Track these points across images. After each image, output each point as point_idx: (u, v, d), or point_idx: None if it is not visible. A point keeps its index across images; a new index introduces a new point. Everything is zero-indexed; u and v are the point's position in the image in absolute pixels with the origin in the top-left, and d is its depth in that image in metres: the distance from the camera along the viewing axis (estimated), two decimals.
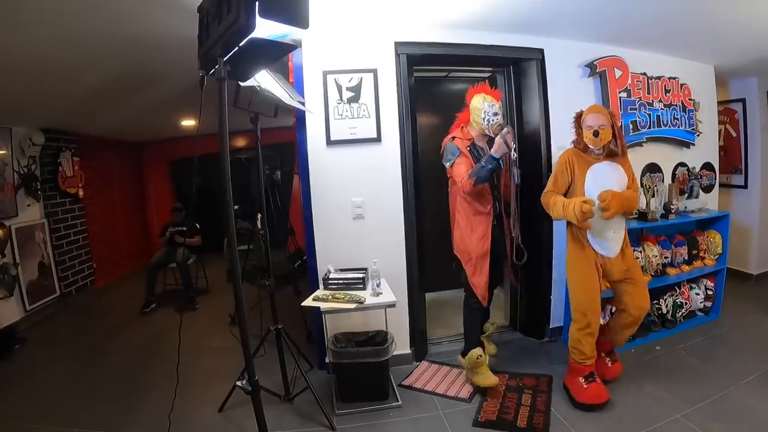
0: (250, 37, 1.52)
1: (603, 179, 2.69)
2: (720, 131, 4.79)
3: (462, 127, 3.02)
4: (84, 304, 5.43)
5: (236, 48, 1.60)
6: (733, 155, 4.88)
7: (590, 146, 2.73)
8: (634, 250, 2.99)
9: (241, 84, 2.35)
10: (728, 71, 4.48)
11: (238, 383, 1.97)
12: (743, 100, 4.77)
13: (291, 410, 2.84)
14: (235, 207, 5.77)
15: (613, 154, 2.74)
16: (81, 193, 5.75)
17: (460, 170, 2.86)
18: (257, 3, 1.42)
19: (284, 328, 2.94)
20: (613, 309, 3.16)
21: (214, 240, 5.46)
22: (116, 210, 6.99)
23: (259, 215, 4.72)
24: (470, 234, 2.97)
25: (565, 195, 2.78)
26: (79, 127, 5.61)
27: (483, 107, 2.87)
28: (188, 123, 6.00)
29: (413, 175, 3.25)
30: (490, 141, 2.92)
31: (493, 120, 2.84)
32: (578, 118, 2.84)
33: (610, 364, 2.98)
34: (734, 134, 4.85)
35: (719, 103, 4.69)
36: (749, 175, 4.74)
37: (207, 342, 4.03)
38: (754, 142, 4.72)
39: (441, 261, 4.70)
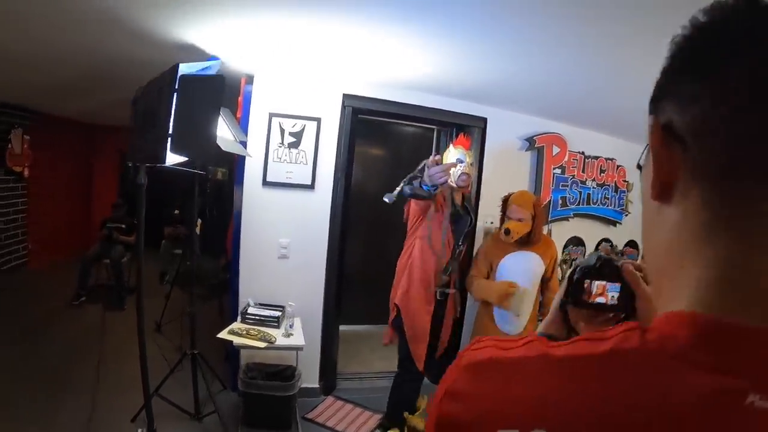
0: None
1: (513, 271, 3.02)
2: None
3: None
4: (13, 285, 5.47)
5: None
6: None
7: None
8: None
9: None
10: None
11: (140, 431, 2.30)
12: None
13: (199, 429, 3.05)
14: (176, 212, 5.85)
15: (529, 242, 3.04)
16: (27, 172, 5.80)
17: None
18: (169, 141, 1.70)
19: (200, 353, 3.16)
20: None
21: (150, 237, 5.54)
22: (60, 194, 6.98)
23: (199, 221, 4.88)
24: (419, 287, 2.90)
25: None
26: (34, 105, 5.66)
27: (448, 155, 2.90)
28: None
29: (341, 225, 3.47)
30: (465, 199, 2.99)
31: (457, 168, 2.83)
32: (505, 201, 3.12)
33: None
34: None
35: None
36: None
37: (131, 347, 4.14)
38: None
39: (363, 295, 5.01)
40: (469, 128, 3.71)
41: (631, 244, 4.50)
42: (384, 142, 5.02)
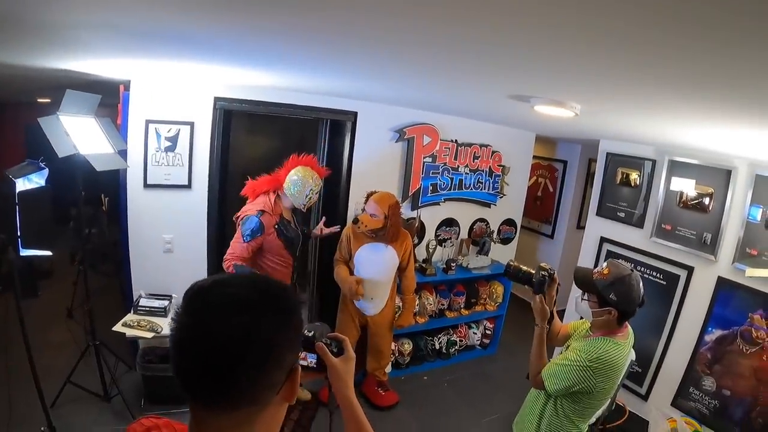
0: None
1: (368, 261, 3.57)
2: (540, 183, 5.83)
3: (275, 196, 3.31)
4: None
5: None
6: (546, 207, 5.96)
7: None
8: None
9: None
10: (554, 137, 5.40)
11: (42, 428, 2.85)
12: (565, 162, 5.80)
13: (109, 408, 3.60)
14: (83, 193, 6.18)
15: (384, 238, 3.53)
16: None
17: (241, 249, 3.13)
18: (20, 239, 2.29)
19: (102, 341, 3.62)
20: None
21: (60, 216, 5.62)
22: None
23: (105, 198, 5.20)
24: None
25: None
26: None
27: (309, 184, 3.23)
28: (43, 100, 6.42)
29: (217, 218, 3.95)
30: (295, 212, 3.42)
31: (312, 198, 3.27)
32: (368, 197, 3.58)
33: (383, 393, 3.95)
34: (551, 189, 5.91)
35: (544, 158, 5.69)
36: (556, 227, 5.84)
37: (44, 335, 4.53)
38: (566, 201, 5.81)
39: None
40: (341, 122, 4.19)
41: (509, 222, 5.13)
42: (271, 126, 5.23)
